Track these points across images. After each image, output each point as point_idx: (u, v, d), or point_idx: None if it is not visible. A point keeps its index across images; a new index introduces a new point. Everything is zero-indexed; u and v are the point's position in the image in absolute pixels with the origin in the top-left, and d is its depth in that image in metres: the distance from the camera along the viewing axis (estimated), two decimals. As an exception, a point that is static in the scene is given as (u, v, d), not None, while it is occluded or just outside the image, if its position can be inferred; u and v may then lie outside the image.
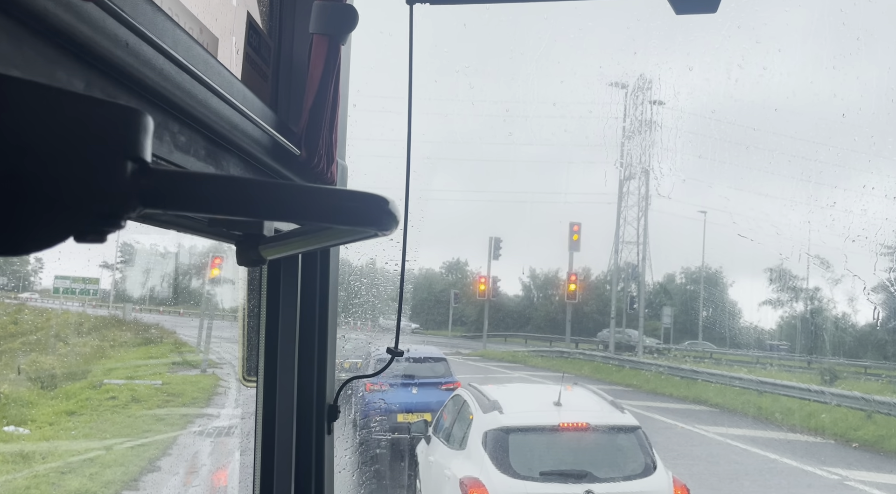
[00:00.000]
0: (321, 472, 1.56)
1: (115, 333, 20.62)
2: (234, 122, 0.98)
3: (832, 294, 27.68)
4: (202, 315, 20.58)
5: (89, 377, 14.28)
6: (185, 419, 11.90)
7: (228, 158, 1.04)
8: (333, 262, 1.61)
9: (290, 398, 1.53)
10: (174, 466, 9.00)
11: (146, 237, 25.15)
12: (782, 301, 39.51)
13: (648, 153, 32.16)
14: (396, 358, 1.56)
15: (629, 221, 38.68)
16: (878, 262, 13.52)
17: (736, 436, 14.35)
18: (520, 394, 7.62)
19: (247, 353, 1.60)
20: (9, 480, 7.84)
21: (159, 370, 16.47)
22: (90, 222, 0.44)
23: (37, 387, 12.74)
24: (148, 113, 0.47)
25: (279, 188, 0.66)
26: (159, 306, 30.07)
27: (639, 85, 31.25)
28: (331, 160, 1.33)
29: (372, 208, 0.66)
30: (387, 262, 8.14)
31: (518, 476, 5.64)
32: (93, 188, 0.43)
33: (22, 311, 21.97)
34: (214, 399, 13.72)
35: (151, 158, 0.49)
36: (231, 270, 16.68)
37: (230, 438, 10.68)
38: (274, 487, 1.51)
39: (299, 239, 1.15)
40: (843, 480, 11.20)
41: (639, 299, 35.87)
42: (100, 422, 10.96)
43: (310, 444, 1.55)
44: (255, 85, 1.23)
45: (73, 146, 0.42)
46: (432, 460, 6.93)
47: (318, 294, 1.57)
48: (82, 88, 0.65)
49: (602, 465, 5.82)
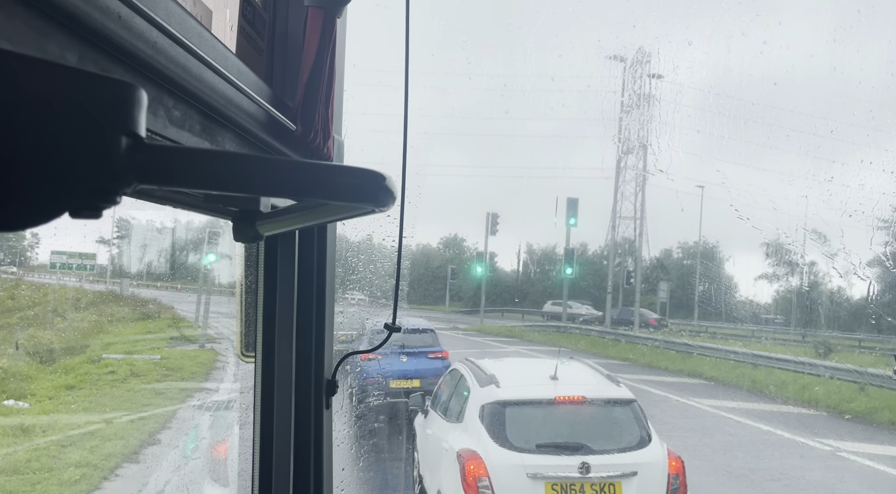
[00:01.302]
0: (320, 446, 1.57)
1: (112, 308, 20.66)
2: (228, 96, 0.97)
3: (828, 269, 27.76)
4: (200, 291, 20.61)
5: (88, 351, 14.34)
6: (184, 393, 11.99)
7: (223, 134, 1.03)
8: (330, 238, 1.60)
9: (289, 374, 1.53)
10: (174, 439, 9.09)
11: (142, 213, 25.07)
12: (778, 276, 39.71)
13: (647, 128, 32.03)
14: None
15: (626, 196, 38.69)
16: (874, 236, 13.56)
17: (730, 409, 14.51)
18: (516, 368, 7.64)
19: (245, 329, 1.60)
20: (10, 453, 7.91)
21: (158, 344, 16.54)
22: (85, 198, 0.44)
23: (36, 362, 12.79)
24: (142, 87, 0.46)
25: (275, 164, 0.65)
26: (157, 281, 30.09)
27: (637, 58, 31.00)
28: (327, 135, 1.31)
29: (369, 184, 0.65)
30: (384, 238, 8.14)
31: (514, 449, 5.72)
32: (87, 164, 0.43)
33: (19, 286, 21.98)
34: (213, 374, 13.80)
35: (146, 134, 0.48)
36: (228, 245, 16.66)
37: (229, 412, 10.77)
38: (273, 461, 1.52)
39: (296, 215, 1.14)
40: (836, 451, 11.36)
41: (635, 275, 36.00)
42: (99, 396, 11.04)
43: (308, 419, 1.55)
44: (250, 59, 1.21)
45: (67, 121, 0.41)
46: (430, 433, 7.02)
47: (315, 270, 1.57)
48: (75, 61, 0.64)
49: (597, 438, 5.91)
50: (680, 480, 5.80)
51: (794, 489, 9.14)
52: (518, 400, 6.08)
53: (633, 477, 5.62)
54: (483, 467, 5.62)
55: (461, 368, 7.14)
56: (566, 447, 5.78)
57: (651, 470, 5.73)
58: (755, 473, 9.78)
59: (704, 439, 11.75)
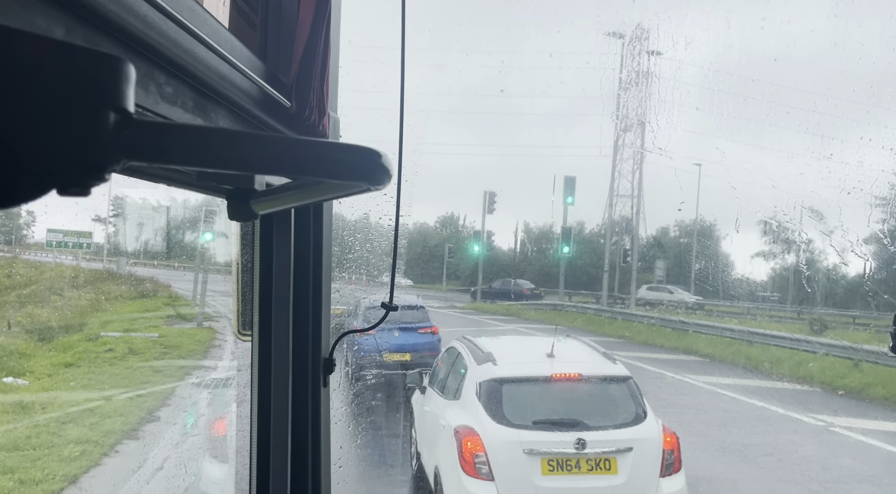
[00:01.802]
0: (317, 424, 1.58)
1: (109, 286, 20.66)
2: (221, 72, 0.95)
3: (824, 246, 27.83)
4: (197, 269, 20.60)
5: (86, 329, 14.37)
6: (182, 370, 12.05)
7: (216, 110, 1.01)
8: (326, 216, 1.59)
9: (286, 352, 1.53)
10: (173, 416, 9.15)
11: (138, 191, 24.98)
12: (774, 253, 39.81)
13: (645, 105, 31.87)
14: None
15: (624, 174, 38.59)
16: (872, 213, 13.57)
17: (725, 385, 14.64)
18: (513, 346, 7.66)
19: (241, 307, 1.59)
20: (10, 429, 7.96)
21: (155, 323, 16.58)
22: (73, 175, 0.43)
23: (34, 339, 12.82)
24: (131, 62, 0.45)
25: (269, 141, 0.64)
26: (153, 260, 30.07)
27: (636, 35, 30.74)
28: (322, 112, 1.30)
29: (365, 162, 0.65)
30: (381, 217, 8.13)
31: (511, 425, 5.79)
32: (74, 140, 0.42)
33: (14, 264, 21.95)
34: (211, 352, 13.85)
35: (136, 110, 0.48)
36: (224, 224, 16.64)
37: (228, 389, 10.84)
38: (271, 439, 1.53)
39: (291, 193, 1.14)
40: (829, 426, 11.49)
41: (632, 253, 36.06)
42: (98, 374, 11.09)
43: (306, 397, 1.56)
44: (243, 34, 1.18)
45: (53, 96, 0.40)
46: (427, 410, 7.09)
47: (311, 249, 1.56)
48: (62, 35, 0.62)
49: (593, 414, 5.99)
50: (675, 455, 5.89)
51: (787, 463, 9.25)
52: (515, 377, 6.14)
53: (629, 453, 5.70)
54: (480, 443, 5.68)
55: (458, 346, 7.19)
56: (562, 423, 5.85)
57: (646, 446, 5.80)
58: (749, 448, 9.90)
59: (699, 415, 11.87)
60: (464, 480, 5.67)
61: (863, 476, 8.86)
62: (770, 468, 9.02)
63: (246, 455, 1.59)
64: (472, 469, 5.64)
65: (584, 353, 6.94)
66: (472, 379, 6.21)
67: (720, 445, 10.05)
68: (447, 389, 6.83)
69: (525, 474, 5.63)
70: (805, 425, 11.54)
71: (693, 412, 12.05)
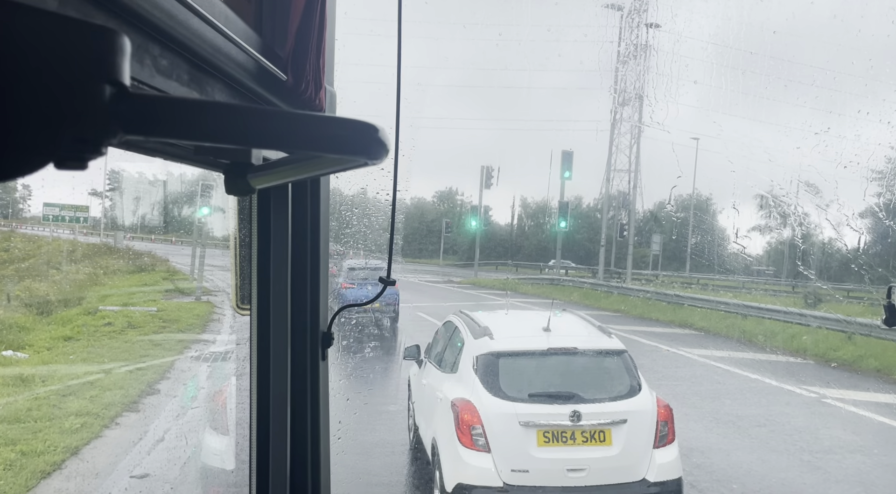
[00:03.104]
0: (316, 398, 1.59)
1: (107, 260, 20.66)
2: (217, 45, 0.94)
3: (820, 220, 27.87)
4: (195, 244, 20.60)
5: (84, 303, 14.41)
6: (181, 344, 12.13)
7: (212, 84, 1.00)
8: (324, 191, 1.59)
9: (284, 326, 1.54)
10: (173, 389, 9.23)
11: (133, 165, 24.84)
12: (771, 227, 39.87)
13: (643, 79, 31.62)
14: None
15: (621, 149, 38.43)
16: (868, 188, 13.57)
17: (719, 358, 14.79)
18: (510, 321, 7.66)
19: (240, 281, 1.59)
20: (10, 402, 8.04)
21: (154, 297, 16.62)
22: (69, 148, 0.42)
23: (33, 313, 12.86)
24: (126, 34, 0.45)
25: (266, 115, 0.64)
26: (150, 234, 30.02)
27: (635, 7, 30.39)
28: (318, 86, 1.29)
29: (361, 136, 0.65)
30: (378, 192, 8.14)
31: (507, 398, 5.89)
32: (69, 113, 0.41)
33: (11, 238, 21.92)
34: (210, 326, 13.92)
35: (132, 83, 0.47)
36: (221, 198, 16.60)
37: (227, 363, 10.92)
38: (270, 413, 1.54)
39: (288, 168, 1.14)
40: (821, 398, 11.65)
41: (629, 227, 36.09)
42: (97, 347, 11.16)
43: (304, 371, 1.57)
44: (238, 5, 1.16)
45: (47, 68, 0.40)
46: (425, 383, 7.20)
47: (308, 223, 1.56)
48: (55, 6, 0.61)
49: (588, 387, 6.07)
50: (668, 427, 6.00)
51: (779, 434, 9.40)
52: (511, 351, 6.22)
53: (623, 425, 5.82)
54: (477, 415, 5.78)
55: (455, 320, 7.29)
56: (558, 396, 5.95)
57: (640, 418, 5.92)
58: (742, 419, 10.05)
59: (693, 387, 12.02)
60: (461, 451, 5.79)
61: (854, 446, 9.01)
62: (762, 438, 9.16)
63: (246, 426, 1.60)
64: (468, 441, 5.77)
65: (580, 327, 7.02)
66: (469, 353, 6.30)
67: (713, 416, 10.20)
68: (444, 362, 6.94)
69: (521, 445, 5.74)
70: (797, 396, 11.70)
71: (687, 384, 12.20)
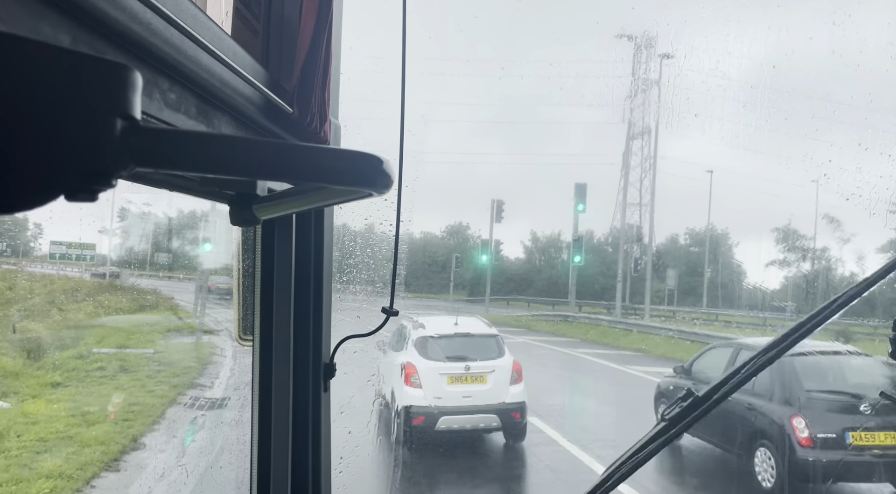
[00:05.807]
0: (318, 429, 1.60)
1: (109, 298, 20.15)
2: (224, 79, 0.97)
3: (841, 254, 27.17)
4: (198, 281, 20.16)
5: (79, 345, 13.77)
6: (175, 390, 11.39)
7: (219, 117, 1.03)
8: (328, 221, 1.62)
9: (287, 357, 1.55)
10: (160, 443, 8.48)
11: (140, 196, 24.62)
12: (789, 262, 39.08)
13: (653, 112, 31.33)
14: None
15: (632, 182, 38.02)
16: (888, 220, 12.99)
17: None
18: (435, 320, 11.87)
19: (242, 312, 1.59)
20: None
21: (152, 337, 15.99)
22: (80, 181, 0.43)
23: (23, 357, 12.21)
24: (136, 69, 0.45)
25: (272, 147, 0.64)
26: (158, 271, 29.68)
27: (645, 39, 30.25)
28: (324, 119, 1.32)
29: (366, 168, 0.66)
30: (381, 222, 7.82)
31: (432, 360, 10.10)
32: (82, 146, 0.42)
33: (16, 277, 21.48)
34: (209, 369, 13.26)
35: (141, 116, 0.47)
36: (225, 229, 16.23)
37: (223, 410, 10.23)
38: (272, 444, 1.54)
39: (293, 199, 1.15)
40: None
41: (643, 262, 35.39)
42: (84, 395, 10.44)
43: (307, 402, 1.58)
44: (246, 41, 1.22)
45: (61, 103, 0.41)
46: (387, 361, 10.82)
47: (312, 254, 1.58)
48: (68, 43, 0.63)
49: (475, 353, 10.32)
50: (518, 374, 10.23)
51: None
52: (435, 335, 10.52)
53: (493, 373, 10.11)
54: (415, 370, 9.90)
55: (405, 322, 11.11)
56: (459, 357, 10.21)
57: (502, 369, 10.17)
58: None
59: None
60: (405, 388, 9.80)
61: None
62: None
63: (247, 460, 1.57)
64: (409, 383, 9.80)
65: (474, 322, 11.45)
66: (411, 337, 10.46)
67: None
68: (398, 346, 10.86)
69: (438, 384, 9.84)
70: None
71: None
